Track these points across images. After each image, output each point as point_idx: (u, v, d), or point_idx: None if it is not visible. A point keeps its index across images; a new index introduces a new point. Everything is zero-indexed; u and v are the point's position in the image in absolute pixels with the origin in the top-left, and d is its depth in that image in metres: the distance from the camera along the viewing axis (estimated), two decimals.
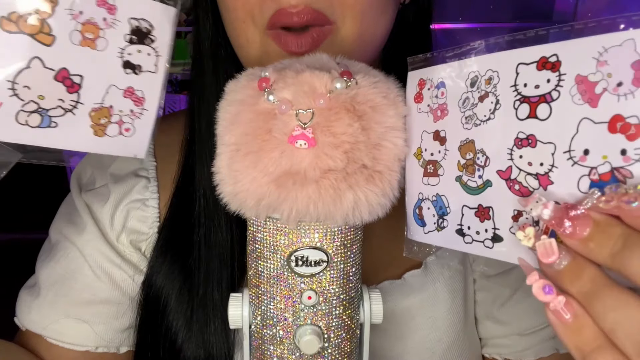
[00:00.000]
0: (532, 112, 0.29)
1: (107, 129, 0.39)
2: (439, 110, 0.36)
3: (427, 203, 0.37)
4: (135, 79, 0.40)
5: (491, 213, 0.32)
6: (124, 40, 0.39)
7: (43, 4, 0.35)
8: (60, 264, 0.55)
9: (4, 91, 0.35)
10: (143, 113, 0.41)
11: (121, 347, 0.56)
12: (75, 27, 0.36)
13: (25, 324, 0.54)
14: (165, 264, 0.53)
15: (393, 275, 0.54)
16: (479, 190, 0.32)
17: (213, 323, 0.51)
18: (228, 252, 0.52)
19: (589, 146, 0.26)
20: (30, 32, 0.35)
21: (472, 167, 0.33)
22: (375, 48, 0.51)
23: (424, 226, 0.38)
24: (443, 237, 0.36)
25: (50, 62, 0.36)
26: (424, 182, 0.37)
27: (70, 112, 0.37)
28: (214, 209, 0.52)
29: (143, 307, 0.54)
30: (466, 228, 0.34)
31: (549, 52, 0.28)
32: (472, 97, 0.33)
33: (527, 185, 0.29)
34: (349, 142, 0.33)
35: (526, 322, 0.55)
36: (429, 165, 0.37)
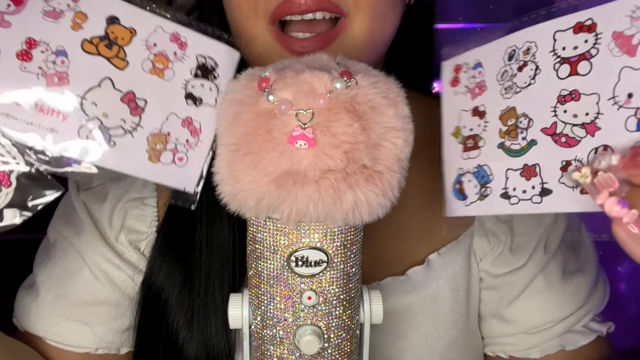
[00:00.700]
0: (572, 70, 0.31)
1: (161, 156, 0.41)
2: (477, 88, 0.38)
3: (468, 176, 0.38)
4: (195, 110, 0.42)
5: (538, 169, 0.33)
6: (190, 74, 0.41)
7: (123, 33, 0.39)
8: (58, 265, 0.55)
9: (73, 105, 0.38)
10: (198, 145, 0.42)
11: (121, 348, 0.56)
12: (147, 57, 0.40)
13: (24, 325, 0.54)
14: (165, 264, 0.53)
15: (396, 272, 0.54)
16: (524, 151, 0.34)
17: (214, 323, 0.51)
18: (230, 252, 0.52)
19: (632, 90, 0.28)
20: (106, 56, 0.39)
21: (515, 131, 0.34)
22: (383, 47, 0.52)
23: (465, 199, 0.39)
24: (487, 205, 0.37)
25: (120, 84, 0.39)
26: (464, 157, 0.39)
27: (129, 133, 0.39)
28: (216, 209, 0.52)
29: (143, 307, 0.54)
30: (511, 190, 0.34)
31: (584, 17, 0.30)
32: (511, 69, 0.35)
33: (574, 135, 0.31)
34: (348, 142, 0.33)
35: (533, 320, 0.55)
36: (468, 140, 0.38)
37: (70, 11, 0.38)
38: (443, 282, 0.54)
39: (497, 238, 0.55)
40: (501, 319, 0.56)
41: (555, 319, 0.54)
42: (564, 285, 0.54)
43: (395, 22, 0.51)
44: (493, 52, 0.37)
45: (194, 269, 0.52)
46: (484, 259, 0.56)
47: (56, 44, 0.38)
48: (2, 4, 0.36)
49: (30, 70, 0.37)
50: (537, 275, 0.54)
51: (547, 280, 0.54)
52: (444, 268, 0.54)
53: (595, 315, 0.56)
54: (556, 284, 0.54)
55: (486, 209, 0.37)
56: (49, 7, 0.38)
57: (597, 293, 0.56)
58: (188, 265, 0.53)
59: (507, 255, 0.55)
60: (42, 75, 0.37)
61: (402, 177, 0.36)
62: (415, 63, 0.63)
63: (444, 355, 0.55)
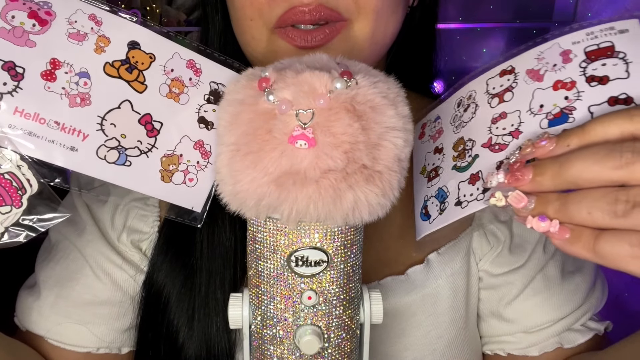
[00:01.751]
0: (500, 100, 0.41)
1: (173, 176, 0.42)
2: (437, 133, 0.48)
3: (432, 199, 0.45)
4: (206, 134, 0.44)
5: (480, 174, 0.40)
6: (203, 99, 0.43)
7: (143, 58, 0.41)
8: (60, 264, 0.55)
9: (93, 125, 0.39)
10: (207, 167, 0.44)
11: (122, 348, 0.56)
12: (165, 82, 0.42)
13: (25, 325, 0.54)
14: (167, 262, 0.53)
15: (396, 271, 0.55)
16: (469, 165, 0.41)
17: (215, 322, 0.51)
18: (231, 252, 0.52)
19: (543, 102, 0.38)
20: (127, 79, 0.40)
21: (463, 153, 0.43)
22: (384, 47, 0.52)
23: (429, 218, 0.45)
24: (445, 216, 0.43)
25: (138, 107, 0.41)
26: (428, 186, 0.46)
27: (145, 154, 0.41)
28: (218, 209, 0.52)
29: (144, 305, 0.54)
30: (462, 197, 0.41)
31: (507, 65, 0.42)
32: (459, 112, 0.45)
33: (504, 141, 0.39)
34: (349, 142, 0.33)
35: (532, 320, 0.55)
36: (431, 172, 0.46)
37: (94, 35, 0.39)
38: (442, 281, 0.54)
39: (496, 238, 0.55)
40: (500, 318, 0.56)
41: (553, 318, 0.54)
42: (562, 285, 0.55)
43: (397, 25, 0.51)
44: (448, 105, 0.47)
45: (195, 268, 0.52)
46: (483, 258, 0.56)
47: (79, 66, 0.39)
48: (27, 24, 0.37)
49: (54, 90, 0.38)
50: (536, 275, 0.54)
51: (546, 280, 0.54)
52: (444, 267, 0.55)
53: (593, 315, 0.56)
54: (555, 283, 0.54)
55: (444, 220, 0.43)
56: (73, 30, 0.39)
57: (595, 293, 0.56)
58: (189, 264, 0.53)
59: (507, 255, 0.55)
60: (65, 95, 0.38)
61: (402, 177, 0.36)
62: (417, 64, 0.63)
63: (444, 354, 0.55)
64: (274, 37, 0.47)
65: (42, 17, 0.38)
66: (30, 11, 0.37)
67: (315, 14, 0.44)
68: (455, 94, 0.47)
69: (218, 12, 0.54)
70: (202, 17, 0.56)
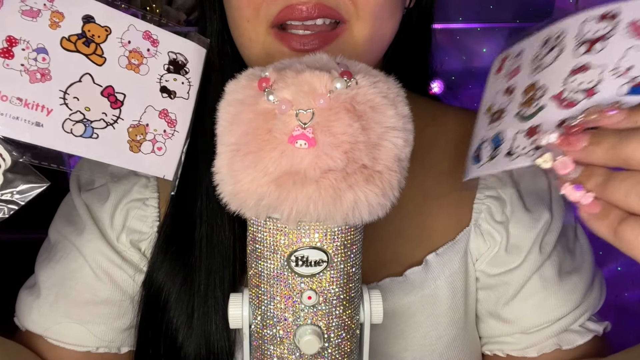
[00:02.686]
0: (589, 49, 0.37)
1: (141, 146, 0.43)
2: (514, 72, 0.44)
3: (486, 143, 0.43)
4: (170, 102, 0.45)
5: (539, 129, 0.37)
6: (163, 69, 0.44)
7: (99, 31, 0.41)
8: (60, 264, 0.55)
9: (56, 100, 0.40)
10: (174, 134, 0.45)
11: (122, 348, 0.56)
12: (123, 53, 0.42)
13: (25, 324, 0.54)
14: (166, 261, 0.54)
15: (394, 272, 0.55)
16: (532, 116, 0.39)
17: (214, 321, 0.51)
18: (230, 250, 0.52)
19: (634, 63, 0.34)
20: (85, 53, 0.41)
21: (531, 100, 0.40)
22: (382, 50, 0.52)
23: (478, 162, 0.43)
24: (493, 164, 0.41)
25: (99, 79, 0.41)
26: (488, 128, 0.44)
27: (111, 125, 0.42)
28: (217, 207, 0.52)
29: (144, 304, 0.54)
30: (514, 148, 0.39)
31: (611, 9, 0.37)
32: (542, 53, 0.41)
33: (574, 99, 0.36)
34: (348, 142, 0.33)
35: (530, 320, 0.55)
36: (495, 114, 0.43)
37: (47, 10, 0.40)
38: (441, 282, 0.54)
39: (492, 238, 0.55)
40: (498, 318, 0.56)
41: (551, 318, 0.54)
42: (560, 286, 0.54)
43: (394, 27, 0.51)
44: (534, 41, 0.43)
45: (194, 266, 0.52)
46: (479, 259, 0.56)
47: (36, 42, 0.39)
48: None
49: (13, 67, 0.39)
50: (533, 276, 0.54)
51: (542, 280, 0.54)
52: (442, 268, 0.55)
53: (592, 315, 0.56)
54: (552, 284, 0.54)
55: (491, 168, 0.41)
56: (25, 7, 0.39)
57: (593, 293, 0.56)
58: (189, 263, 0.53)
59: (503, 255, 0.55)
60: (25, 72, 0.39)
61: (402, 177, 0.36)
62: (413, 64, 0.64)
63: (444, 354, 0.55)
64: (269, 39, 0.47)
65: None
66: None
67: (313, 12, 0.45)
68: (546, 29, 0.42)
69: (216, 11, 0.54)
70: (200, 16, 0.56)
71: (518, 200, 0.55)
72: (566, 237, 0.57)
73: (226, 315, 0.40)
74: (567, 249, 0.56)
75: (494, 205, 0.55)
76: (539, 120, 0.38)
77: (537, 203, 0.55)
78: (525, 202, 0.55)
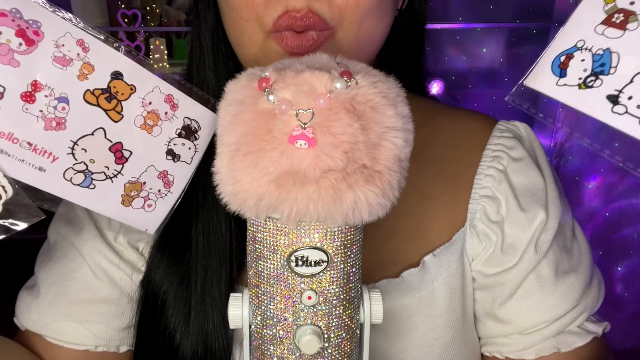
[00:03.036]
0: None
1: (133, 201, 0.44)
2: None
3: (586, 54, 0.32)
4: (172, 165, 0.46)
5: None
6: (174, 133, 0.45)
7: (124, 89, 0.41)
8: (59, 263, 0.55)
9: (64, 149, 0.40)
10: (167, 195, 0.46)
11: (121, 347, 0.56)
12: (141, 113, 0.43)
13: (24, 323, 0.54)
14: (164, 260, 0.54)
15: (391, 273, 0.55)
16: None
17: (212, 319, 0.51)
18: (227, 248, 0.52)
19: None
20: (105, 108, 0.41)
21: None
22: (372, 52, 0.52)
23: (559, 77, 0.32)
24: (580, 97, 0.30)
25: (111, 135, 0.42)
26: (598, 30, 0.32)
27: (110, 179, 0.43)
28: (213, 205, 0.52)
29: (142, 303, 0.54)
30: (625, 98, 0.28)
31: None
32: None
33: None
34: (348, 142, 0.33)
35: (527, 321, 0.54)
36: (618, 13, 0.31)
37: (80, 61, 0.39)
38: (439, 283, 0.54)
39: (488, 238, 0.55)
40: (495, 319, 0.56)
41: (548, 319, 0.54)
42: (556, 285, 0.54)
43: (384, 30, 0.51)
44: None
45: (191, 265, 0.52)
46: (475, 259, 0.56)
47: (60, 91, 0.39)
48: (14, 42, 0.37)
49: (31, 112, 0.38)
50: (529, 275, 0.54)
51: (539, 280, 0.54)
52: (440, 270, 0.54)
53: (591, 315, 0.56)
54: (549, 283, 0.54)
55: (578, 102, 0.30)
56: (59, 54, 0.39)
57: (591, 293, 0.56)
58: (186, 261, 0.53)
59: (499, 255, 0.55)
60: (42, 118, 0.39)
61: (402, 177, 0.36)
62: (407, 65, 0.63)
63: (442, 355, 0.55)
64: (269, 40, 0.47)
65: (29, 36, 0.37)
66: (19, 29, 0.37)
67: (305, 20, 0.45)
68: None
69: (211, 9, 0.53)
70: (194, 13, 0.56)
71: (513, 200, 0.55)
72: (563, 236, 0.56)
73: (224, 314, 0.40)
74: (565, 248, 0.56)
75: (489, 205, 0.55)
76: None
77: (533, 202, 0.55)
78: (520, 202, 0.55)
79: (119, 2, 3.07)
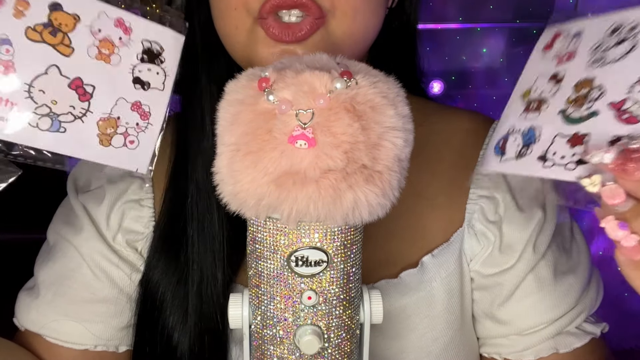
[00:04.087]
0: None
1: (112, 139, 0.42)
2: (567, 55, 0.37)
3: (516, 135, 0.38)
4: (143, 94, 0.42)
5: (586, 139, 0.32)
6: (136, 59, 0.42)
7: (67, 20, 0.38)
8: (58, 263, 0.55)
9: (20, 93, 0.38)
10: (148, 127, 0.43)
11: (120, 346, 0.56)
12: (93, 43, 0.40)
13: (24, 323, 0.54)
14: (162, 260, 0.54)
15: (389, 274, 0.54)
16: (581, 121, 0.33)
17: (208, 318, 0.51)
18: (222, 246, 0.52)
19: None
20: (51, 43, 0.38)
21: (582, 100, 0.33)
22: (364, 47, 0.52)
23: (501, 155, 0.39)
24: (520, 165, 0.37)
25: (67, 71, 0.39)
26: (522, 117, 0.39)
27: (79, 119, 0.40)
28: (206, 203, 0.52)
29: (141, 303, 0.54)
30: (550, 154, 0.34)
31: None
32: (608, 43, 0.34)
33: (638, 114, 0.30)
34: (348, 142, 0.33)
35: (525, 322, 0.54)
36: (534, 102, 0.38)
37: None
38: (437, 284, 0.54)
39: (486, 238, 0.55)
40: (494, 319, 0.56)
41: (547, 319, 0.54)
42: (555, 286, 0.54)
43: (377, 24, 0.51)
44: (599, 24, 0.36)
45: (187, 263, 0.52)
46: (474, 259, 0.55)
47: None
48: None
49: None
50: (527, 276, 0.54)
51: (537, 280, 0.54)
52: (438, 270, 0.54)
53: (589, 316, 0.56)
54: (547, 284, 0.54)
55: (517, 168, 0.37)
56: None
57: (589, 293, 0.56)
58: (183, 260, 0.53)
59: (497, 255, 0.55)
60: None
61: (402, 177, 0.36)
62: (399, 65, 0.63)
63: (440, 356, 0.55)
64: (256, 27, 0.47)
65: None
66: None
67: (298, 3, 0.44)
68: (616, 13, 0.35)
69: (201, 3, 0.53)
70: (186, 7, 0.55)
71: (511, 200, 0.55)
72: (562, 236, 0.56)
73: (220, 312, 0.40)
74: (563, 249, 0.56)
75: (487, 205, 0.55)
76: (588, 129, 0.32)
77: (531, 202, 0.55)
78: (518, 202, 0.55)
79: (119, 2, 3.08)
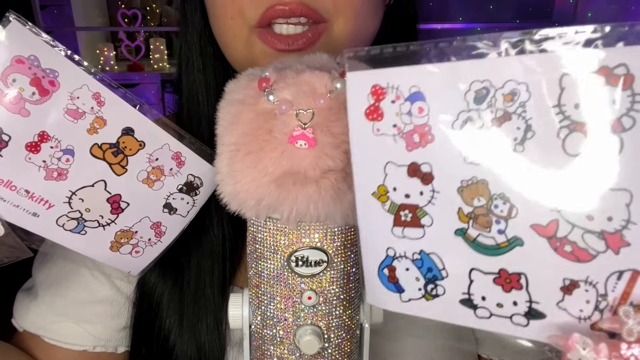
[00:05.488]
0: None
1: (122, 248, 0.43)
2: (417, 134, 0.25)
3: (404, 262, 0.29)
4: (167, 217, 0.44)
5: (523, 281, 0.24)
6: (176, 188, 0.43)
7: (133, 145, 0.40)
8: (57, 265, 0.55)
9: (61, 198, 0.39)
10: (157, 244, 0.45)
11: (119, 347, 0.56)
12: (145, 168, 0.41)
13: (22, 324, 0.54)
14: (159, 262, 0.54)
15: None
16: (501, 251, 0.24)
17: (205, 321, 0.51)
18: (219, 249, 0.52)
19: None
20: (110, 162, 0.40)
21: (486, 217, 0.24)
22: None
23: (400, 292, 0.30)
24: (440, 308, 0.28)
25: (111, 187, 0.41)
26: (396, 233, 0.29)
27: (102, 227, 0.42)
28: (205, 206, 0.52)
29: (138, 305, 0.54)
30: (479, 299, 0.26)
31: (614, 61, 0.19)
32: (480, 119, 0.23)
33: (587, 246, 0.22)
34: (348, 142, 0.33)
35: None
36: (402, 210, 0.28)
37: (92, 115, 0.38)
38: None
39: None
40: None
41: None
42: None
43: (376, 25, 0.51)
44: (446, 82, 0.23)
45: (184, 266, 0.52)
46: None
47: (67, 143, 0.38)
48: (27, 91, 0.35)
49: (34, 162, 0.37)
50: None
51: None
52: None
53: None
54: None
55: (441, 314, 0.28)
56: (72, 106, 0.37)
57: None
58: (180, 262, 0.53)
59: None
60: (43, 168, 0.38)
61: None
62: None
63: (439, 356, 0.55)
64: (253, 37, 0.47)
65: (44, 86, 0.36)
66: (34, 77, 0.35)
67: (297, 12, 0.44)
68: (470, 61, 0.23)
69: (197, 10, 0.53)
70: (181, 15, 0.55)
71: None
72: None
73: (217, 314, 0.40)
74: None
75: None
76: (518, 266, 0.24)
77: None
78: None
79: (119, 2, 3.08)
